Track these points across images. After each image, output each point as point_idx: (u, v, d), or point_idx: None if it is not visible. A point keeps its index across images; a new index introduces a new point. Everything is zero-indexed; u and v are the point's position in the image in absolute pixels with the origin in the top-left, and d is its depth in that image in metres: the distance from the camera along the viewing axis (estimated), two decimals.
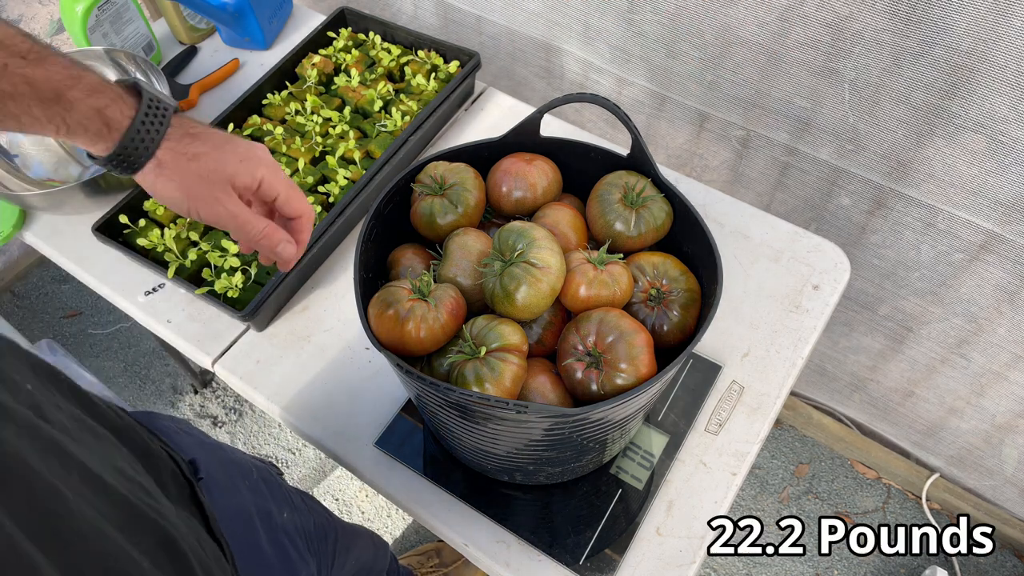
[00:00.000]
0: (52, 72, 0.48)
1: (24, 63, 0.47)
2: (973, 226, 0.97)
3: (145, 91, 0.52)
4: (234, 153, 0.56)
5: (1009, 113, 0.83)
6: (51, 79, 0.48)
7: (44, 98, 0.48)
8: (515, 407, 0.53)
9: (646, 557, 0.72)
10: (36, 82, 0.48)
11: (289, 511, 0.74)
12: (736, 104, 1.08)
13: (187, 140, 0.54)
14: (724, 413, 0.81)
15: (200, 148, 0.54)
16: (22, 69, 0.47)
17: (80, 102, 0.49)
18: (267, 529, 0.67)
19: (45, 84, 0.48)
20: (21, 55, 0.47)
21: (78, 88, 0.49)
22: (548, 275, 0.61)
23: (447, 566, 1.39)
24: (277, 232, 0.59)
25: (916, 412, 1.34)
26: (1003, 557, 1.44)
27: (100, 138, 0.51)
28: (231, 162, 0.55)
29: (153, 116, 0.52)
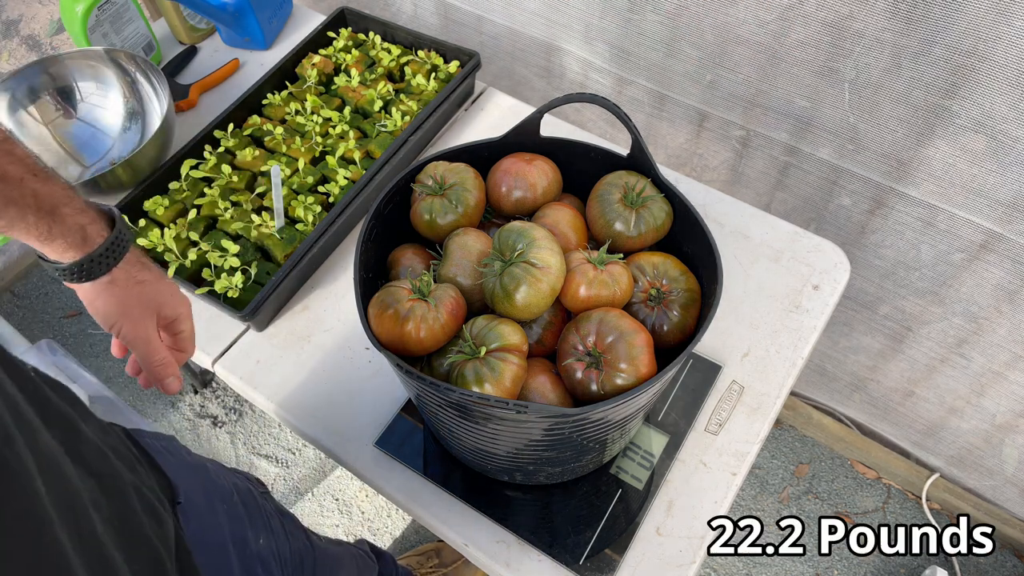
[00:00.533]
0: (54, 190, 0.57)
1: (35, 179, 0.55)
2: (973, 225, 0.97)
3: (117, 217, 0.63)
4: (167, 287, 0.66)
5: (1009, 112, 0.83)
6: (52, 195, 0.57)
7: (42, 209, 0.56)
8: (515, 407, 0.53)
9: (646, 557, 0.72)
10: (40, 196, 0.56)
11: (266, 536, 0.74)
12: (736, 103, 1.08)
13: (137, 267, 0.64)
14: (724, 413, 0.81)
15: (146, 276, 0.64)
16: (33, 184, 0.55)
17: (69, 218, 0.58)
18: (240, 557, 0.67)
19: (47, 199, 0.56)
20: (33, 172, 0.56)
21: (70, 206, 0.58)
22: (548, 275, 0.61)
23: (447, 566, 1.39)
24: (172, 366, 0.67)
25: (916, 412, 1.34)
26: (1003, 557, 1.44)
27: (74, 249, 0.59)
28: (165, 294, 0.65)
29: (121, 239, 0.62)
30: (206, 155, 1.02)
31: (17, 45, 1.67)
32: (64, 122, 1.09)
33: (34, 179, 0.56)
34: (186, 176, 1.00)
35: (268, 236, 0.94)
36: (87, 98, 1.10)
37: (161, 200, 0.97)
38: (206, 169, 1.00)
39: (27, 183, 0.55)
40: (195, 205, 0.98)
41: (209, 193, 0.98)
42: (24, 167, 0.55)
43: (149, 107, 1.09)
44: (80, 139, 1.09)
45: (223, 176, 1.00)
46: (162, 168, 1.00)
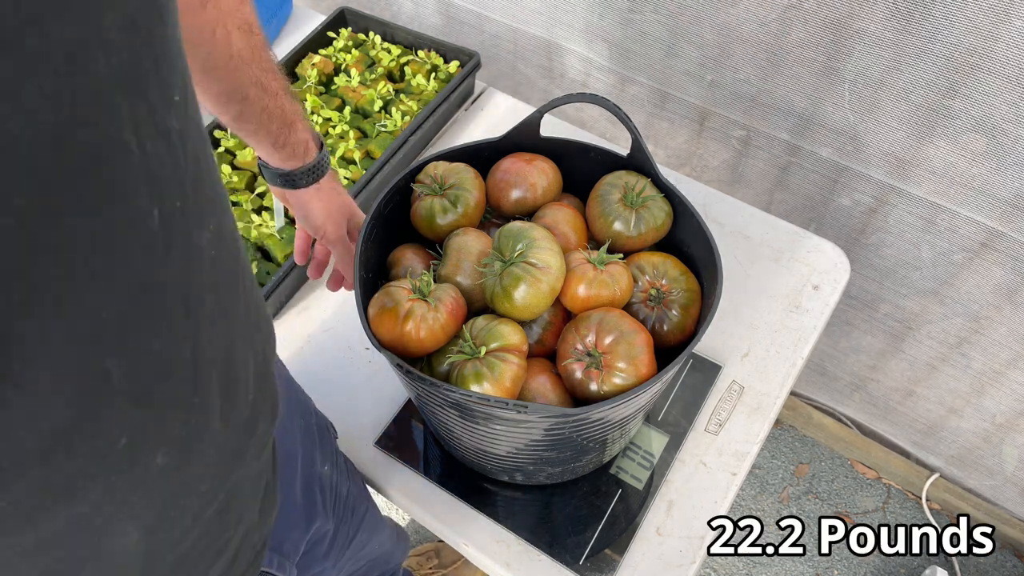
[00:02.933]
0: (295, 107, 0.69)
1: (286, 95, 0.67)
2: (974, 223, 0.97)
3: (321, 140, 0.74)
4: (351, 200, 0.79)
5: (1010, 111, 0.83)
6: (294, 110, 0.68)
7: (285, 121, 0.67)
8: (515, 407, 0.53)
9: (646, 557, 0.72)
10: (286, 110, 0.67)
11: (331, 468, 0.76)
12: (737, 102, 1.08)
13: (334, 181, 0.75)
14: (724, 413, 0.81)
15: (339, 188, 0.77)
16: (284, 99, 0.66)
17: (300, 132, 0.69)
18: (304, 473, 0.69)
19: (290, 113, 0.68)
20: (286, 90, 0.67)
21: (302, 123, 0.70)
22: (548, 275, 0.61)
23: (446, 567, 1.39)
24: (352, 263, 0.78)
25: (916, 412, 1.34)
26: (1003, 557, 1.44)
27: (296, 159, 0.70)
28: (354, 204, 0.79)
29: (326, 158, 0.73)
30: None
31: None
32: None
33: (286, 95, 0.66)
34: None
35: (268, 236, 0.93)
36: None
37: None
38: None
39: (280, 97, 0.66)
40: None
41: None
42: (281, 84, 0.66)
43: None
44: None
45: (223, 176, 1.00)
46: None
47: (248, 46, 0.61)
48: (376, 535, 0.92)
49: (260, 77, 0.63)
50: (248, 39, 0.61)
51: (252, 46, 0.61)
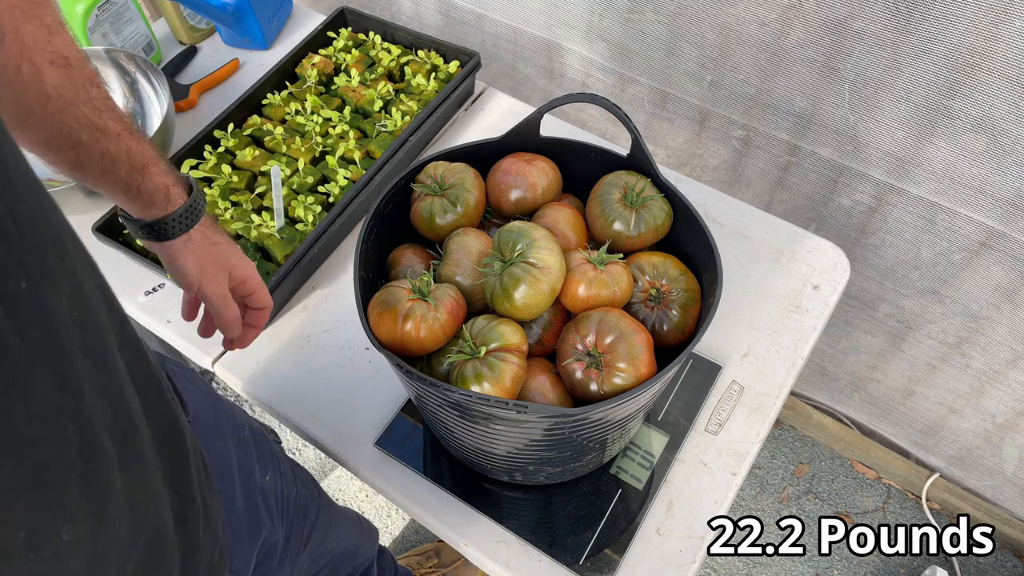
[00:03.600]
0: (145, 148, 0.61)
1: (130, 136, 0.60)
2: (974, 223, 0.97)
3: (193, 182, 0.67)
4: (235, 249, 0.71)
5: (1010, 111, 0.83)
6: (144, 153, 0.61)
7: (134, 166, 0.60)
8: (515, 407, 0.53)
9: (646, 557, 0.72)
10: (133, 152, 0.60)
11: (273, 475, 0.76)
12: (737, 102, 1.08)
13: (211, 229, 0.68)
14: (724, 413, 0.81)
15: (218, 238, 0.68)
16: (128, 140, 0.60)
17: (156, 176, 0.62)
18: (244, 485, 0.70)
19: (139, 156, 0.61)
20: (129, 130, 0.60)
21: (157, 166, 0.63)
22: (548, 275, 0.61)
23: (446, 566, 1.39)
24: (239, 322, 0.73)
25: (916, 411, 1.34)
26: (1003, 557, 1.44)
27: (157, 207, 0.63)
28: (235, 255, 0.70)
29: (197, 202, 0.66)
30: (206, 155, 1.02)
31: None
32: None
33: (129, 136, 0.60)
34: None
35: (268, 236, 0.94)
36: None
37: None
38: (206, 169, 1.00)
39: (123, 139, 0.59)
40: None
41: (209, 193, 0.98)
42: (122, 124, 0.59)
43: (149, 107, 1.09)
44: None
45: (223, 176, 1.00)
46: None
47: (69, 83, 0.54)
48: (333, 531, 0.92)
49: (92, 118, 0.56)
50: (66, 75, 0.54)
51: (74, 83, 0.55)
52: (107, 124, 0.58)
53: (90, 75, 0.57)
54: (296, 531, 0.80)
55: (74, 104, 0.55)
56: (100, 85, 0.58)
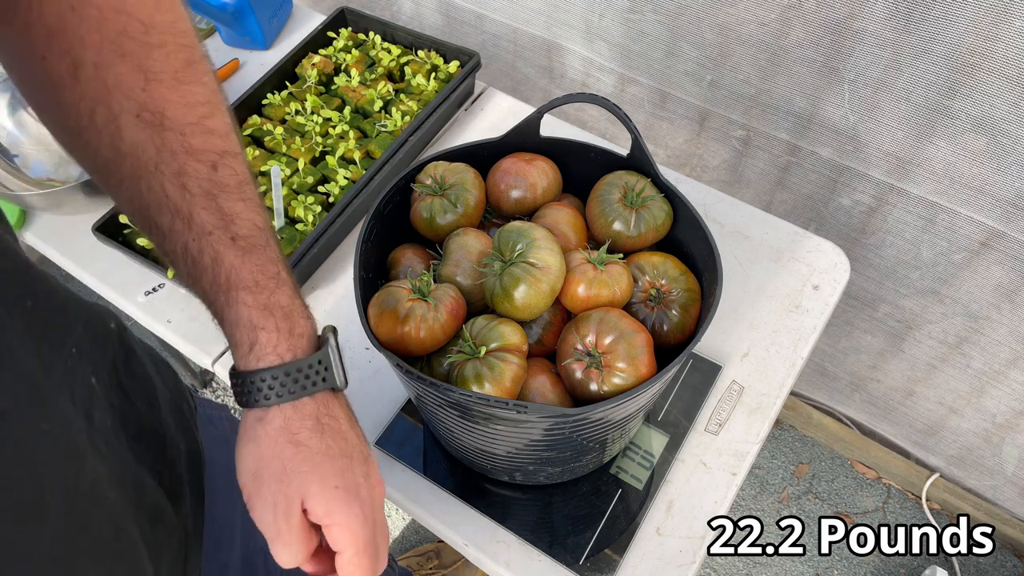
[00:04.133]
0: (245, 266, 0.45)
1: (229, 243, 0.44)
2: (974, 223, 0.97)
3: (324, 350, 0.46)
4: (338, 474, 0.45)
5: (1010, 112, 0.83)
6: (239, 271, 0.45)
7: (216, 281, 0.45)
8: (515, 407, 0.53)
9: (646, 557, 0.72)
10: (221, 264, 0.44)
11: None
12: (737, 102, 1.08)
13: (309, 423, 0.45)
14: (724, 413, 0.81)
15: (311, 441, 0.45)
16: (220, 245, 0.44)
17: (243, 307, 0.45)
18: (244, 546, 0.65)
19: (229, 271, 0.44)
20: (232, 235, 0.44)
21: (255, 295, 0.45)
22: (548, 275, 0.61)
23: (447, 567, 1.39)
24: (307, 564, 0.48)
25: (916, 411, 1.34)
26: (1003, 557, 1.44)
27: (238, 351, 0.47)
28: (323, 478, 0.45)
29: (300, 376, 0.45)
30: None
31: None
32: None
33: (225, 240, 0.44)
34: None
35: None
36: None
37: None
38: None
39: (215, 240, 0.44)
40: None
41: None
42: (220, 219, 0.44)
43: None
44: None
45: None
46: None
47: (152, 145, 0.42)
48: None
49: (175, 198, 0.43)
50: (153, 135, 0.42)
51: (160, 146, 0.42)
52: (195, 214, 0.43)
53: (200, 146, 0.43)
54: None
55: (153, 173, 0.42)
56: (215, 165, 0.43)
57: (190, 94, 0.42)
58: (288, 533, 0.45)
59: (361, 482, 0.47)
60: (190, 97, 0.42)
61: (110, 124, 0.41)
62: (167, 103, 0.42)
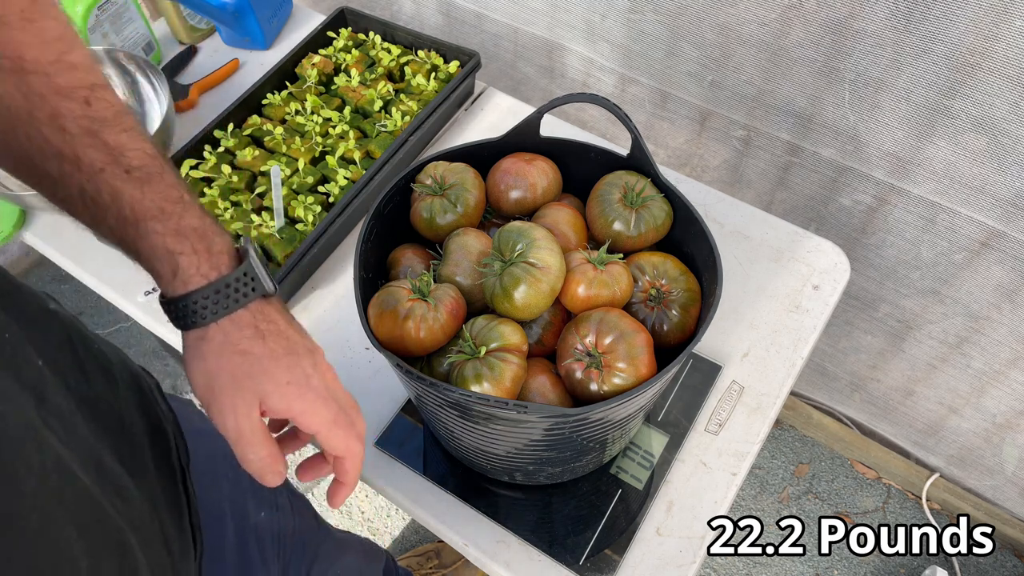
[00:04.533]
0: (147, 195, 0.44)
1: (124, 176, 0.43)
2: (975, 223, 0.97)
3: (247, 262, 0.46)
4: (286, 370, 0.47)
5: (1010, 111, 0.83)
6: (141, 202, 0.44)
7: (122, 216, 0.44)
8: (515, 407, 0.53)
9: (646, 557, 0.72)
10: (121, 198, 0.44)
11: (268, 511, 0.72)
12: (738, 102, 1.08)
13: (248, 332, 0.47)
14: (724, 413, 0.81)
15: (253, 348, 0.47)
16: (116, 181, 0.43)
17: (156, 238, 0.44)
18: (236, 527, 0.66)
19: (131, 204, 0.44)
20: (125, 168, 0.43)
21: (163, 222, 0.44)
22: (548, 275, 0.61)
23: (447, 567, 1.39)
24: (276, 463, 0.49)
25: (916, 411, 1.34)
26: (1003, 557, 1.44)
27: (162, 280, 0.47)
28: (274, 379, 0.47)
29: (232, 291, 0.46)
30: (206, 155, 1.02)
31: None
32: None
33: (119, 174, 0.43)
34: (186, 176, 1.00)
35: (268, 236, 0.93)
36: None
37: None
38: (206, 169, 1.00)
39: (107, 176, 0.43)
40: None
41: (209, 193, 0.98)
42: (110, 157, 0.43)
43: (149, 107, 1.09)
44: None
45: (223, 176, 1.00)
46: None
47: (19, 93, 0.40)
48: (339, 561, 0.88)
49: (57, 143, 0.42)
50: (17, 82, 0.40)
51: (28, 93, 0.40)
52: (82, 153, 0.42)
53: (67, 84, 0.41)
54: (294, 567, 0.76)
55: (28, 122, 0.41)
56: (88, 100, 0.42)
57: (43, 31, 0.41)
58: (251, 433, 0.47)
59: (310, 372, 0.49)
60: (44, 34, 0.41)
61: None
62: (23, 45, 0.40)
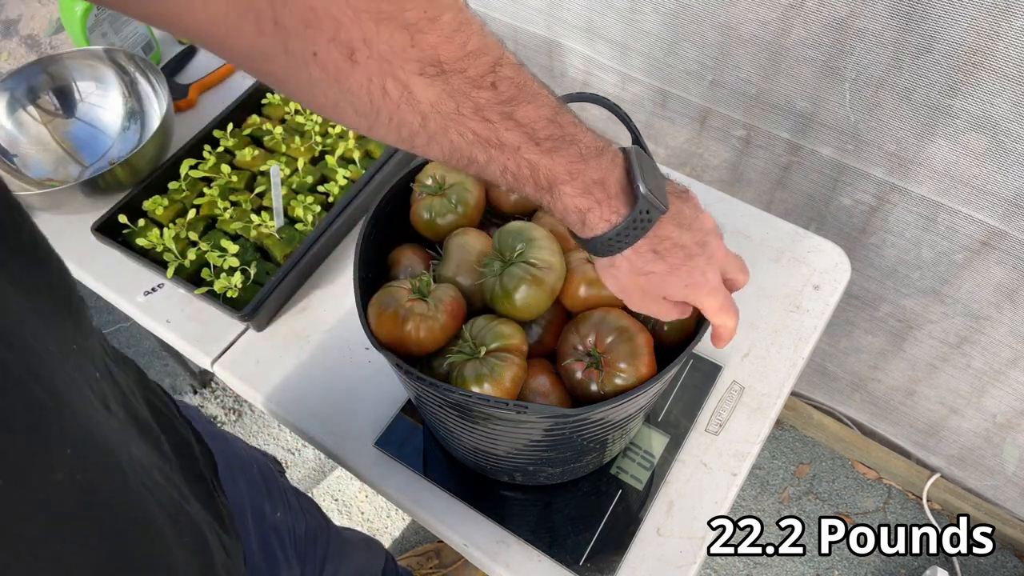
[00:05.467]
0: (557, 163, 0.47)
1: (535, 149, 0.46)
2: (975, 222, 0.97)
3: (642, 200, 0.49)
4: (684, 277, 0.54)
5: (1011, 110, 0.83)
6: (553, 170, 0.47)
7: (540, 185, 0.48)
8: (515, 407, 0.53)
9: (646, 557, 0.72)
10: (538, 169, 0.47)
11: (283, 511, 0.74)
12: (738, 101, 1.08)
13: (648, 256, 0.52)
14: (724, 413, 0.81)
15: (655, 268, 0.53)
16: (531, 154, 0.46)
17: (568, 198, 0.49)
18: (257, 527, 0.67)
19: (545, 173, 0.48)
20: (535, 141, 0.46)
21: (572, 184, 0.48)
22: (548, 275, 0.61)
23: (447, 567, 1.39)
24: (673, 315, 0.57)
25: (917, 411, 1.34)
26: (1003, 557, 1.44)
27: (572, 226, 0.52)
28: (674, 286, 0.54)
29: (631, 230, 0.50)
30: (205, 155, 1.02)
31: (17, 45, 1.67)
32: (63, 122, 1.09)
33: (533, 148, 0.46)
34: (185, 176, 1.00)
35: (268, 236, 0.93)
36: (86, 98, 1.10)
37: (160, 200, 0.97)
38: (205, 169, 1.00)
39: (524, 152, 0.46)
40: (194, 205, 0.97)
41: (208, 193, 0.98)
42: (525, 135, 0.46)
43: (148, 107, 1.09)
44: (79, 139, 1.09)
45: (222, 176, 1.00)
46: (161, 168, 0.99)
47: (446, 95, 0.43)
48: (347, 558, 0.90)
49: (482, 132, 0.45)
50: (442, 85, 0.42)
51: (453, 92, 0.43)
52: (502, 137, 0.45)
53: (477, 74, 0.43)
54: (310, 564, 0.78)
55: (457, 120, 0.44)
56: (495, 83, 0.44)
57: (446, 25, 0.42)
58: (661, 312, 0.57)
59: (704, 268, 0.55)
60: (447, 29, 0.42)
61: (404, 94, 0.42)
62: (436, 48, 0.41)
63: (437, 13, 0.41)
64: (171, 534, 0.39)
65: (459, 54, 0.42)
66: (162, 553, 0.38)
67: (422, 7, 0.40)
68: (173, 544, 0.39)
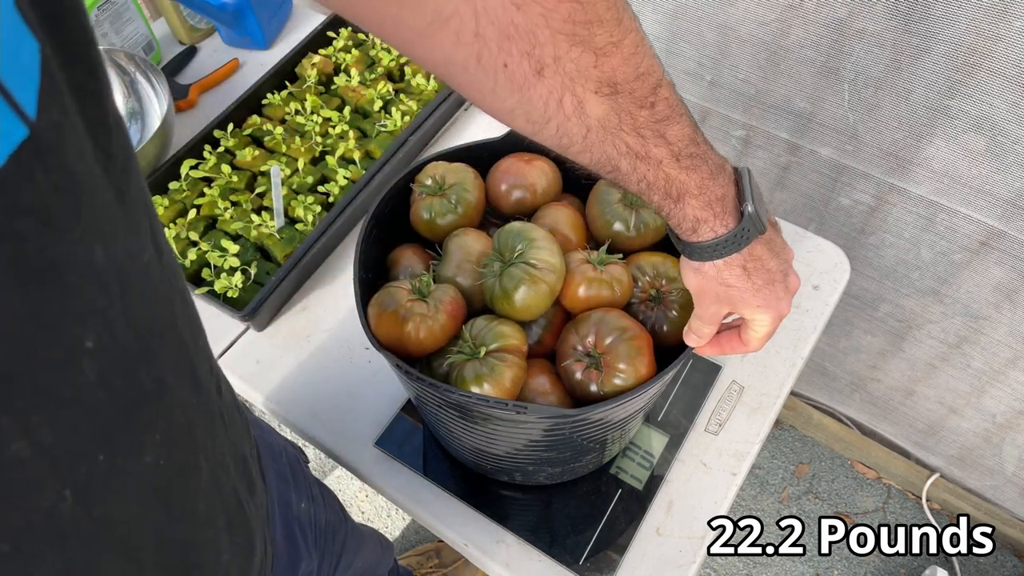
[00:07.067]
0: (691, 179, 0.50)
1: (674, 164, 0.50)
2: (974, 222, 0.97)
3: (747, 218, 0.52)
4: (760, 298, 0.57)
5: (1010, 111, 0.83)
6: (684, 184, 0.50)
7: (670, 195, 0.51)
8: (514, 408, 0.53)
9: (646, 557, 0.72)
10: (673, 182, 0.50)
11: (307, 502, 0.74)
12: (737, 102, 1.08)
13: (737, 271, 0.55)
14: (724, 413, 0.81)
15: (738, 283, 0.56)
16: (670, 169, 0.50)
17: (689, 208, 0.52)
18: (283, 517, 0.68)
19: (677, 186, 0.51)
20: (676, 157, 0.49)
21: (698, 197, 0.52)
22: (548, 275, 0.61)
23: (447, 566, 1.39)
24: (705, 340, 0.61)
25: (916, 411, 1.34)
26: (1003, 557, 1.44)
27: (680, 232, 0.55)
28: (748, 304, 0.57)
29: (731, 243, 0.54)
30: (206, 155, 1.02)
31: None
32: None
33: (673, 164, 0.50)
34: (186, 176, 1.00)
35: (268, 236, 0.94)
36: None
37: (161, 200, 0.97)
38: (206, 169, 1.00)
39: (665, 167, 0.50)
40: (195, 205, 0.98)
41: (209, 193, 0.98)
42: (668, 150, 0.49)
43: (149, 107, 1.09)
44: None
45: (223, 176, 1.00)
46: (162, 168, 1.00)
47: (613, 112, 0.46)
48: (360, 553, 0.90)
49: (633, 146, 0.48)
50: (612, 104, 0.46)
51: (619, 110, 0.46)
52: (650, 152, 0.49)
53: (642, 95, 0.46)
54: (328, 557, 0.78)
55: (616, 134, 0.47)
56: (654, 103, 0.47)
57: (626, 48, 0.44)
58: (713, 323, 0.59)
59: (781, 295, 0.58)
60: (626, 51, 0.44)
61: (577, 108, 0.45)
62: (615, 70, 0.44)
63: (621, 37, 0.43)
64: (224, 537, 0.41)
65: (632, 75, 0.45)
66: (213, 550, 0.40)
67: (610, 31, 0.43)
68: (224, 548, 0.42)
